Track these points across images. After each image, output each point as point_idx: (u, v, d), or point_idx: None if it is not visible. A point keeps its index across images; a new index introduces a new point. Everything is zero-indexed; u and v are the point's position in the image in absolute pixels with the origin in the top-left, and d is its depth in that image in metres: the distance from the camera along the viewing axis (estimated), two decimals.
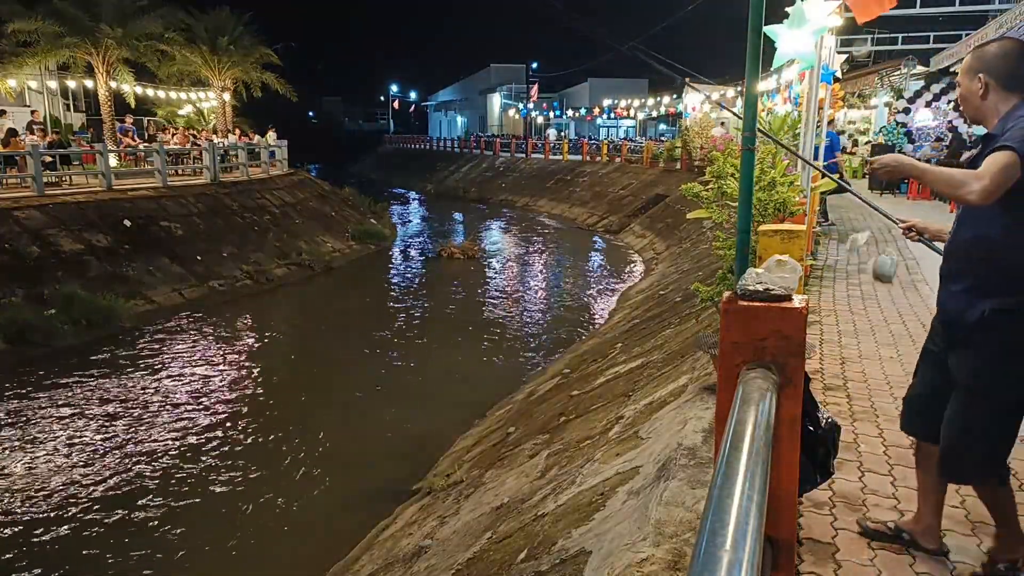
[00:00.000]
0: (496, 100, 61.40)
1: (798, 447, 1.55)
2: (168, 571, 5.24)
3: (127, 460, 6.86)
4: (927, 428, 2.38)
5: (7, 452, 7.01)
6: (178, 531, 5.69)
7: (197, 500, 6.16)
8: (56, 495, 6.18)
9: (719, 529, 0.87)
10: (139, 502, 6.09)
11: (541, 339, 10.99)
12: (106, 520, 5.81)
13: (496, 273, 16.97)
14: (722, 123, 21.16)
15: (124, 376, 9.17)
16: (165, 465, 6.77)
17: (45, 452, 7.00)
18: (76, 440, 7.28)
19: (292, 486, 6.45)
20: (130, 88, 21.97)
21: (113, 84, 20.80)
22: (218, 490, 6.34)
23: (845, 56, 18.59)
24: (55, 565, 5.25)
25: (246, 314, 12.71)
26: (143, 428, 7.59)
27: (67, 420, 7.76)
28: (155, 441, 7.28)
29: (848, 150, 21.60)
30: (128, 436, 7.39)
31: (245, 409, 8.18)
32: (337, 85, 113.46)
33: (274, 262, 15.54)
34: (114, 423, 7.71)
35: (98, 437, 7.35)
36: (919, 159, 15.19)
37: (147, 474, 6.59)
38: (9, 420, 7.74)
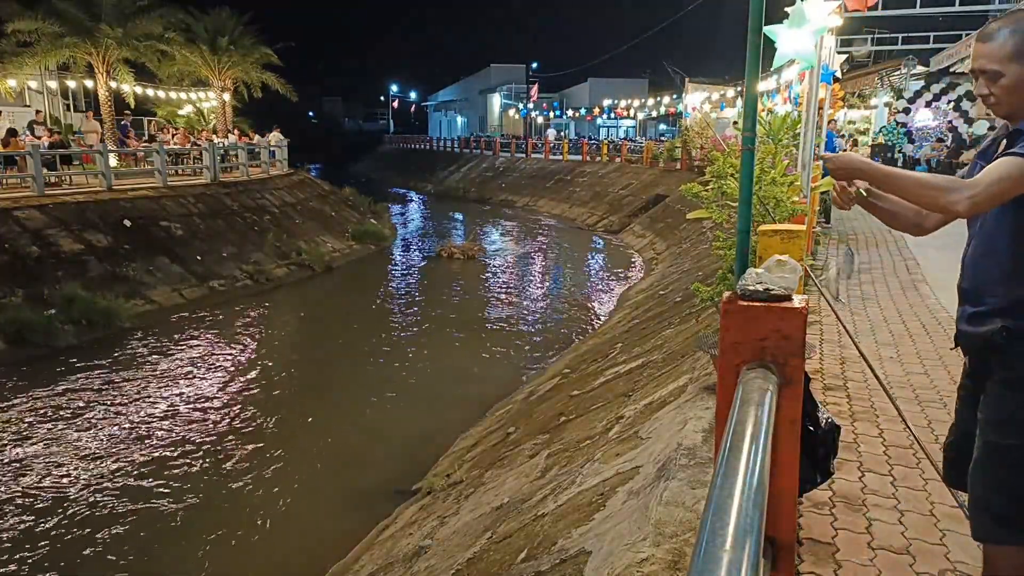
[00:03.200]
0: (496, 100, 61.41)
1: (798, 447, 1.55)
2: (168, 571, 5.24)
3: (126, 460, 6.85)
4: (963, 478, 1.91)
5: (7, 452, 7.00)
6: (177, 531, 5.69)
7: (196, 500, 6.16)
8: (55, 495, 6.18)
9: (719, 529, 0.87)
10: (138, 502, 6.09)
11: (541, 339, 10.98)
12: (105, 520, 5.81)
13: (496, 273, 16.96)
14: (735, 122, 21.11)
15: (124, 376, 9.16)
16: (164, 465, 6.76)
17: (44, 452, 7.00)
18: (75, 440, 7.27)
19: (292, 486, 6.45)
20: (130, 88, 21.97)
21: (113, 84, 20.81)
22: (217, 490, 6.34)
23: (845, 56, 18.57)
24: (53, 565, 5.25)
25: (246, 314, 12.71)
26: (142, 429, 7.59)
27: (67, 420, 7.75)
28: (154, 442, 7.28)
29: (849, 150, 21.59)
30: (127, 436, 7.39)
31: (245, 409, 8.18)
32: (337, 85, 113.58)
33: (274, 262, 15.54)
34: (113, 424, 7.70)
35: (97, 438, 7.35)
36: (919, 159, 14.92)
37: (146, 474, 6.59)
38: (9, 420, 7.74)
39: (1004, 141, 1.78)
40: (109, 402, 8.30)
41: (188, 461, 6.85)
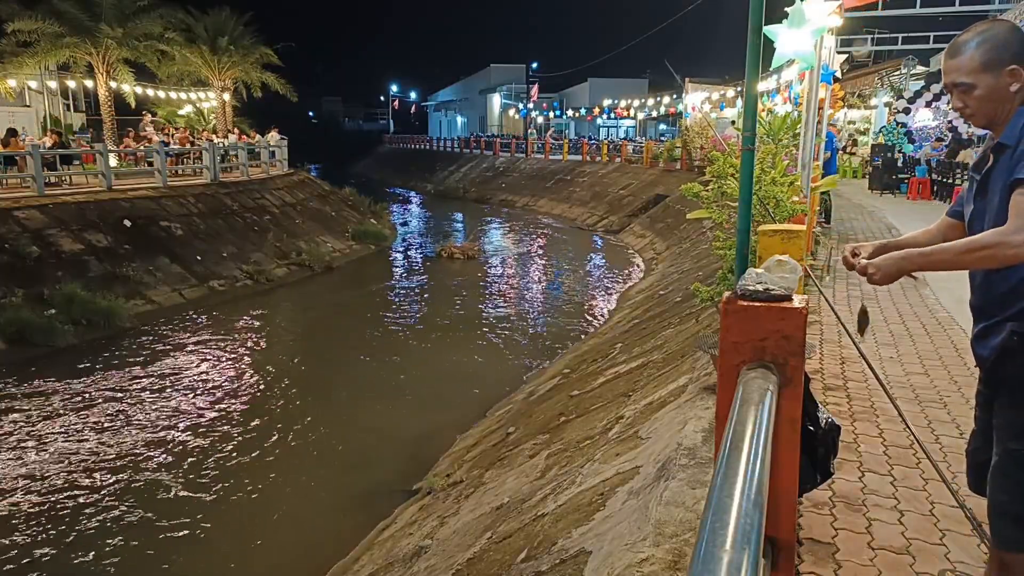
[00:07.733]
0: (496, 100, 61.38)
1: (798, 447, 1.55)
2: (167, 570, 5.24)
3: (126, 460, 6.85)
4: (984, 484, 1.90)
5: (7, 452, 7.00)
6: (177, 531, 5.69)
7: (196, 500, 6.16)
8: (55, 495, 6.18)
9: (719, 529, 0.87)
10: (139, 502, 6.09)
11: (541, 339, 10.98)
12: (106, 519, 5.81)
13: (496, 273, 16.96)
14: (732, 122, 21.12)
15: (124, 377, 9.16)
16: (164, 465, 6.77)
17: (45, 452, 7.00)
18: (76, 441, 7.27)
19: (292, 486, 6.45)
20: (130, 88, 21.98)
21: (113, 84, 20.81)
22: (217, 490, 6.34)
23: (845, 56, 18.59)
24: (53, 564, 5.24)
25: (246, 314, 12.71)
26: (143, 429, 7.59)
27: (67, 420, 7.75)
28: (155, 442, 7.28)
29: (848, 150, 21.61)
30: (128, 437, 7.38)
31: (245, 409, 8.18)
32: (337, 85, 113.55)
33: (274, 262, 15.54)
34: (114, 424, 7.70)
35: (98, 438, 7.35)
36: (919, 159, 14.78)
37: (147, 475, 6.59)
38: (9, 420, 7.74)
39: (991, 155, 1.79)
40: (109, 402, 8.29)
41: (188, 461, 6.85)
